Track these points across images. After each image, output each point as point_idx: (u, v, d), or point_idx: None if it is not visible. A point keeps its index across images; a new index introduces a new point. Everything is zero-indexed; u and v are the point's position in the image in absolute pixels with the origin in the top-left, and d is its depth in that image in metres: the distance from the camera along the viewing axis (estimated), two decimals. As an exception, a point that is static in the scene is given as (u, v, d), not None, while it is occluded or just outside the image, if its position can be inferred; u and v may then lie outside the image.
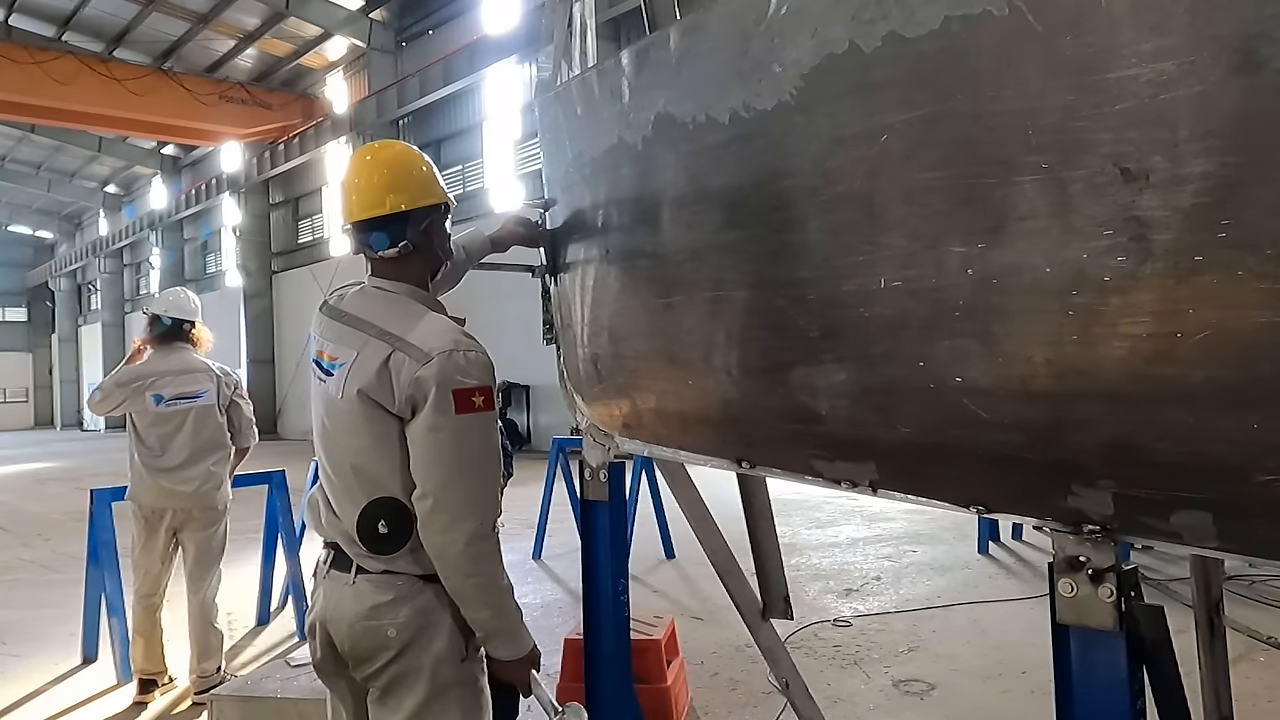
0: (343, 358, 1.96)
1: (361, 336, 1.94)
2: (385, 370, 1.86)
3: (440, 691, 1.91)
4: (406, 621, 1.89)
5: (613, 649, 2.62)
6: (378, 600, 1.90)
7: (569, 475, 7.70)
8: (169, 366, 4.42)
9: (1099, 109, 1.19)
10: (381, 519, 1.88)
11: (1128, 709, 1.33)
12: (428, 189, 2.04)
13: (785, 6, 1.63)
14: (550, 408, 17.24)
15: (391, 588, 1.90)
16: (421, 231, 2.02)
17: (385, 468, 1.90)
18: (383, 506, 1.89)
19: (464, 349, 1.88)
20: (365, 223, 2.00)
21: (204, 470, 4.38)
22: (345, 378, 1.93)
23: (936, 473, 1.59)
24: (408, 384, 1.84)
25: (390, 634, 1.89)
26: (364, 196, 2.00)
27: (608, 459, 2.61)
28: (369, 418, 1.89)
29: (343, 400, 1.93)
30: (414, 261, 2.03)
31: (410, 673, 1.91)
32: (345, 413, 1.93)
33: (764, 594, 2.90)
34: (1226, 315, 1.12)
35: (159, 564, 4.40)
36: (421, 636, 1.90)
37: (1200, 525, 1.24)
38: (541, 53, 15.64)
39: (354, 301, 2.05)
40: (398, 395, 1.85)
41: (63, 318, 41.74)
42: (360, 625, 1.91)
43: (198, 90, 23.18)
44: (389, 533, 1.88)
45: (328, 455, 2.00)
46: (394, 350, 1.87)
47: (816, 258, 1.69)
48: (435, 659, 1.90)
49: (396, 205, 1.97)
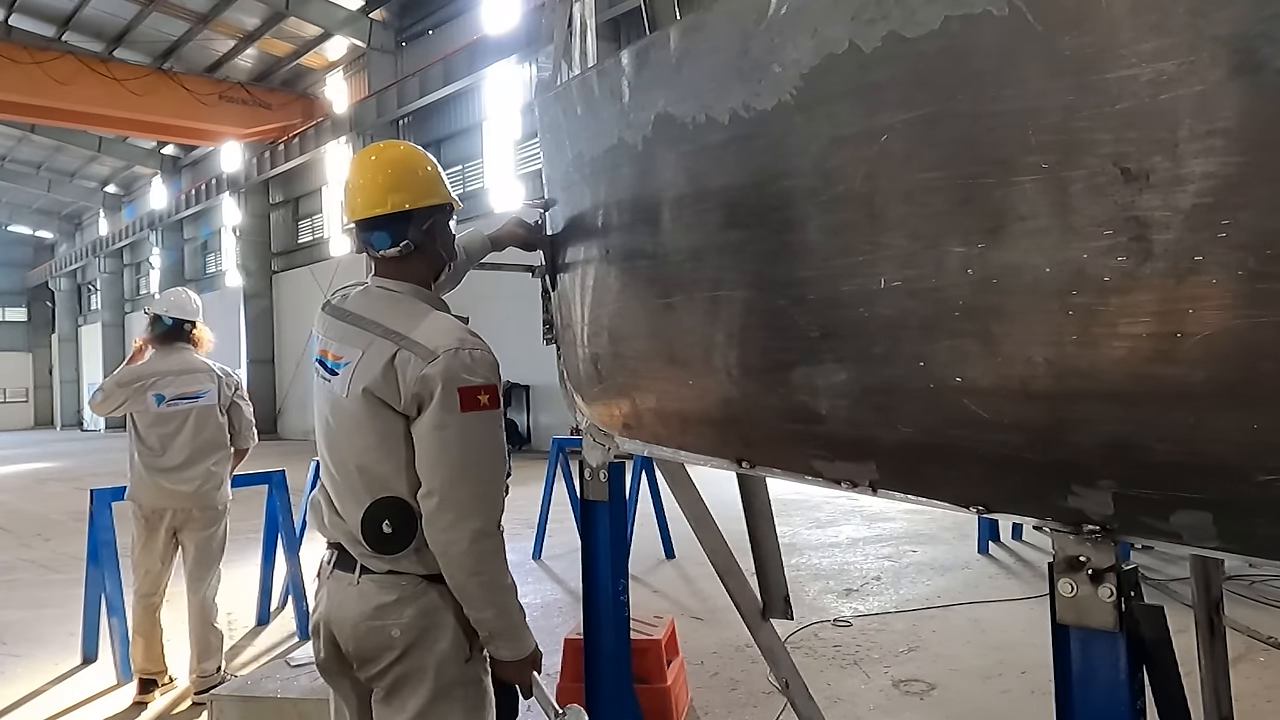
0: (347, 357, 1.96)
1: (366, 335, 1.94)
2: (391, 369, 1.86)
3: (445, 692, 1.91)
4: (411, 622, 1.89)
5: (613, 649, 2.62)
6: (382, 600, 1.90)
7: (569, 475, 7.69)
8: (170, 366, 4.42)
9: (1099, 109, 1.19)
10: (386, 519, 1.88)
11: (1128, 709, 1.33)
12: (431, 189, 2.04)
13: (785, 6, 1.63)
14: (550, 408, 17.23)
15: (396, 588, 1.90)
16: (424, 231, 2.01)
17: (390, 467, 1.89)
18: (387, 506, 1.89)
19: (470, 347, 1.88)
20: (368, 222, 1.99)
21: (204, 470, 4.38)
22: (351, 376, 1.93)
23: (936, 473, 1.59)
24: (414, 382, 1.84)
25: (395, 634, 1.89)
26: (367, 196, 2.00)
27: (608, 459, 2.61)
28: (374, 416, 1.89)
29: (348, 399, 1.93)
30: (416, 261, 2.03)
31: (414, 673, 1.91)
32: (350, 412, 1.93)
33: (764, 594, 2.90)
34: (1226, 315, 1.12)
35: (159, 564, 4.40)
36: (426, 637, 1.90)
37: (1200, 525, 1.24)
38: (541, 53, 15.63)
39: (358, 301, 2.05)
40: (403, 393, 1.85)
41: (63, 318, 41.73)
42: (364, 625, 1.91)
43: (198, 90, 23.16)
44: (393, 532, 1.88)
45: (331, 455, 2.00)
46: (399, 349, 1.87)
47: (816, 258, 1.69)
48: (439, 659, 1.90)
49: (399, 204, 1.97)
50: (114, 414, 4.46)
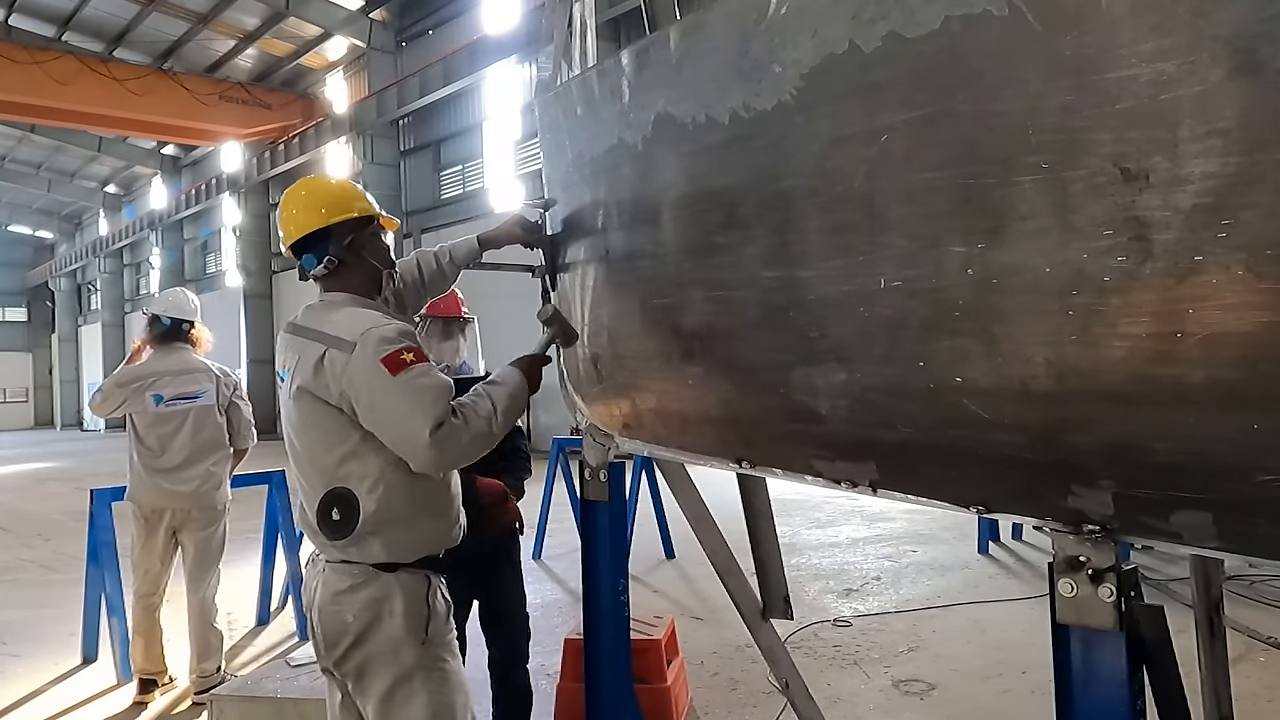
0: (290, 363, 2.17)
1: (301, 341, 2.15)
2: (321, 366, 2.05)
3: (406, 676, 2.05)
4: (363, 608, 2.05)
5: (613, 649, 2.62)
6: (338, 587, 2.07)
7: (569, 475, 7.69)
8: (168, 367, 4.42)
9: (1099, 109, 1.19)
10: (334, 506, 2.06)
11: (1128, 709, 1.33)
12: (342, 206, 2.25)
13: (785, 6, 1.63)
14: (550, 408, 17.22)
15: (349, 575, 2.07)
16: (345, 247, 2.23)
17: (333, 459, 2.07)
18: (336, 495, 2.07)
19: (380, 324, 2.06)
20: (296, 250, 2.24)
21: (203, 470, 4.38)
22: (291, 379, 2.13)
23: (936, 473, 1.59)
24: (341, 378, 2.02)
25: (348, 619, 2.05)
26: (286, 227, 2.26)
27: (608, 459, 2.61)
28: (313, 410, 2.08)
29: (292, 400, 2.12)
30: (347, 274, 2.24)
31: (373, 659, 2.06)
32: (295, 411, 2.12)
33: (764, 594, 2.90)
34: (1226, 315, 1.12)
35: (158, 564, 4.40)
36: (376, 622, 2.04)
37: (1200, 525, 1.24)
38: (541, 53, 15.64)
39: (304, 315, 2.25)
40: (333, 389, 2.03)
41: (63, 318, 41.71)
42: (326, 611, 2.09)
43: (198, 90, 23.17)
44: (340, 519, 2.06)
45: (292, 454, 2.18)
46: (326, 349, 2.06)
47: (816, 258, 1.69)
48: (394, 645, 2.04)
49: (308, 226, 2.21)
50: (114, 414, 4.45)
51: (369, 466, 2.05)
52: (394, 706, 2.04)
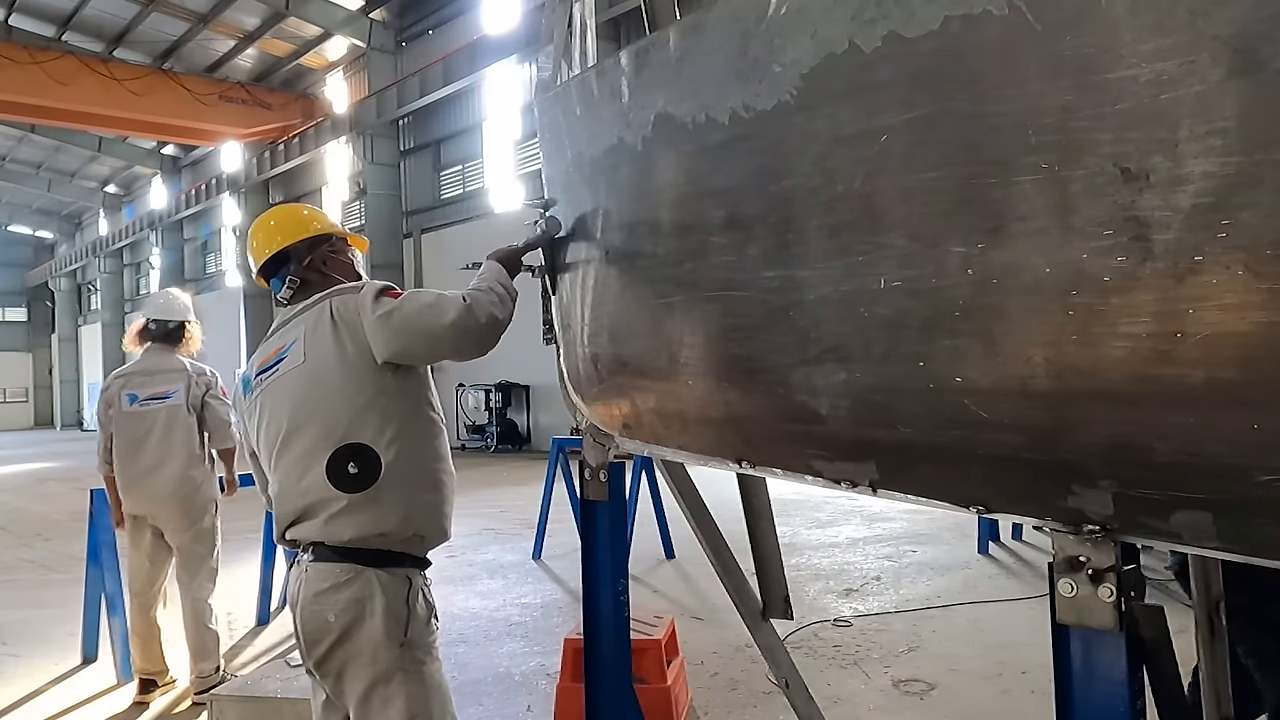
0: (293, 336, 2.23)
1: (297, 320, 2.26)
2: (332, 318, 2.16)
3: (385, 677, 2.04)
4: (345, 608, 2.04)
5: (613, 649, 2.62)
6: (320, 586, 2.07)
7: (569, 475, 7.69)
8: (145, 366, 4.46)
9: (1099, 109, 1.18)
10: (349, 460, 2.07)
11: (1128, 709, 1.33)
12: (300, 227, 2.41)
13: (785, 6, 1.63)
14: (550, 408, 17.24)
15: (331, 575, 2.07)
16: (306, 265, 2.38)
17: (352, 412, 2.10)
18: (348, 449, 2.07)
19: (367, 281, 2.25)
20: (264, 275, 2.42)
21: (177, 472, 4.34)
22: (302, 343, 2.19)
23: (936, 473, 1.59)
24: (355, 309, 2.15)
25: (330, 619, 2.04)
26: (251, 255, 2.44)
27: (608, 459, 2.61)
28: (336, 360, 2.13)
29: (305, 363, 2.17)
30: (313, 292, 2.32)
31: (352, 659, 2.04)
32: (308, 373, 2.15)
33: (764, 594, 2.90)
34: (1227, 315, 1.12)
35: (147, 562, 4.40)
36: (358, 622, 2.03)
37: (1200, 525, 1.24)
38: (541, 53, 15.63)
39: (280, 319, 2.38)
40: (344, 326, 2.14)
41: (63, 318, 41.73)
42: (308, 610, 2.08)
43: (198, 90, 23.18)
44: (359, 471, 2.07)
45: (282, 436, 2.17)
46: (329, 299, 2.21)
47: (817, 258, 1.69)
48: (373, 645, 2.03)
49: (269, 250, 2.38)
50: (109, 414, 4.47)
51: (387, 419, 2.11)
52: (371, 709, 2.03)
